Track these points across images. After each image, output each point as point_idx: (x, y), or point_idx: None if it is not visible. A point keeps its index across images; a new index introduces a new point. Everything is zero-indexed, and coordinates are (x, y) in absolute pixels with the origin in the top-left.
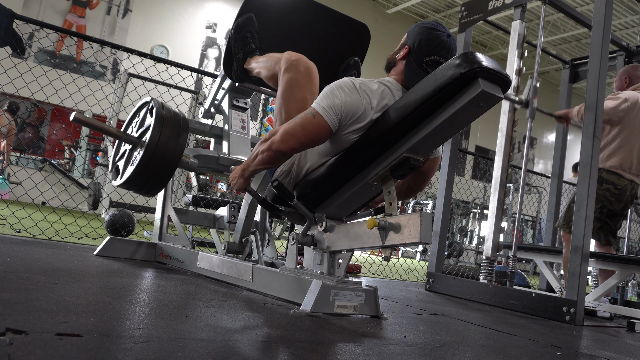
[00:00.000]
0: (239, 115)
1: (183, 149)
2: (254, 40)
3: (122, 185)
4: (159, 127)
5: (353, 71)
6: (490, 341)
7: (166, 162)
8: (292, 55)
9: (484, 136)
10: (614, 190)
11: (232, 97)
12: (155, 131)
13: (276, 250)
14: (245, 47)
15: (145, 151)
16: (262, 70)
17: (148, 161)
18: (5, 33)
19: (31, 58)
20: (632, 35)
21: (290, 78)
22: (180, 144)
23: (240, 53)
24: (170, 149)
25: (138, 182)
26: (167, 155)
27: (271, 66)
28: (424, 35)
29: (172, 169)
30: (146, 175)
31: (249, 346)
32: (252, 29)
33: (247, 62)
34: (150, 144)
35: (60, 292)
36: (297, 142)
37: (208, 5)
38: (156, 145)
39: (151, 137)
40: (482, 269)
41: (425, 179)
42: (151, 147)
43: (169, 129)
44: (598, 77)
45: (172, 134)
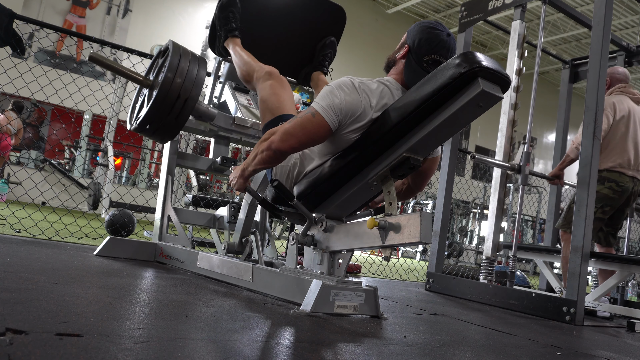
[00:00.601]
0: (242, 95)
1: (199, 91)
2: (235, 20)
3: (137, 128)
4: (174, 65)
5: (329, 50)
6: (490, 341)
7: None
8: (264, 67)
9: (484, 136)
10: (617, 187)
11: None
12: (170, 69)
13: (276, 250)
14: (227, 25)
15: (160, 89)
16: (237, 67)
17: (163, 100)
18: (5, 33)
19: (31, 58)
20: (632, 35)
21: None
22: (197, 85)
23: (221, 30)
24: (187, 86)
25: (153, 124)
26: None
27: (246, 72)
28: (423, 35)
29: (187, 112)
30: (161, 115)
31: (249, 346)
32: (235, 9)
33: (227, 41)
34: (165, 83)
35: (60, 292)
36: (297, 141)
37: (208, 5)
38: (171, 84)
39: (165, 75)
40: (482, 269)
41: (424, 179)
42: (166, 86)
43: (185, 67)
44: (598, 77)
45: (188, 73)
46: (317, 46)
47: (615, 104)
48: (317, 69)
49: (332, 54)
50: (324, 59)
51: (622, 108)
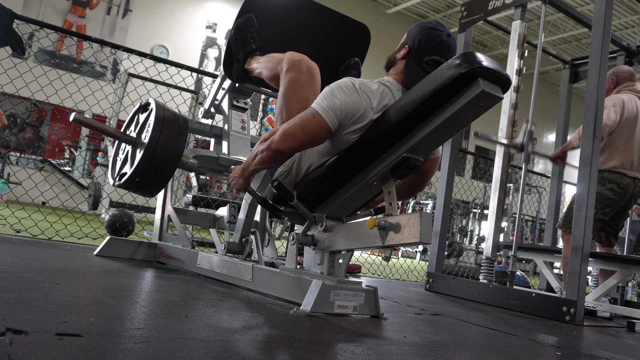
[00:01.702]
0: (238, 116)
1: (182, 150)
2: (254, 41)
3: (122, 186)
4: (158, 127)
5: (353, 71)
6: (490, 341)
7: (166, 162)
8: (294, 55)
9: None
10: (618, 189)
11: (232, 97)
12: (155, 132)
13: (276, 250)
14: (246, 47)
15: (145, 151)
16: (263, 71)
17: (148, 162)
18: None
19: (31, 58)
20: (632, 35)
21: (292, 78)
22: (180, 145)
23: (240, 53)
24: (169, 149)
25: (138, 182)
26: (167, 156)
27: (272, 66)
28: (424, 35)
29: (171, 169)
30: (145, 176)
31: (249, 346)
32: (253, 29)
33: (247, 62)
34: (150, 145)
35: (60, 292)
36: (297, 141)
37: (208, 5)
38: (155, 146)
39: (151, 137)
40: (482, 269)
41: (425, 179)
42: (151, 148)
43: (169, 129)
44: (598, 77)
45: (171, 134)
46: (340, 67)
47: (625, 102)
48: None
49: (356, 75)
50: None
51: (630, 108)
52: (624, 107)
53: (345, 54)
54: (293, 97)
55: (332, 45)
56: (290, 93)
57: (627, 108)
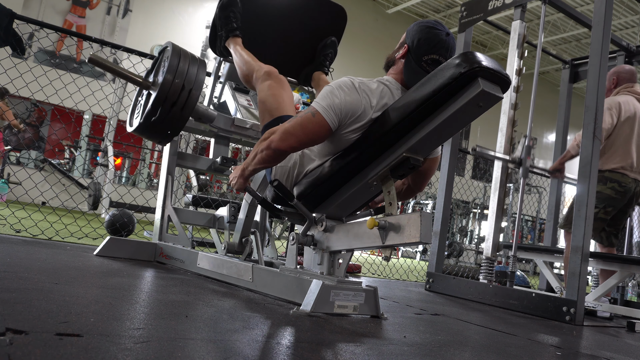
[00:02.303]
0: (242, 96)
1: (199, 93)
2: (236, 20)
3: (137, 130)
4: (174, 65)
5: (330, 50)
6: (490, 341)
7: (181, 105)
8: (263, 67)
9: (484, 136)
10: (619, 188)
11: (232, 84)
12: (169, 71)
13: (276, 250)
14: (228, 25)
15: (159, 92)
16: (238, 67)
17: (162, 103)
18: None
19: (31, 58)
20: (632, 35)
21: (267, 86)
22: (196, 87)
23: (222, 30)
24: (185, 92)
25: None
26: (182, 98)
27: (246, 72)
28: (423, 34)
29: (187, 113)
30: (160, 119)
31: (249, 346)
32: (235, 9)
33: (228, 41)
34: (165, 85)
35: (60, 292)
36: (297, 140)
37: (208, 5)
38: (170, 86)
39: (165, 77)
40: (482, 269)
41: (424, 179)
42: (165, 88)
43: (185, 69)
44: (598, 77)
45: (187, 75)
46: (317, 46)
47: (622, 104)
48: (318, 68)
49: (333, 54)
50: (325, 59)
51: (628, 109)
52: (621, 109)
53: (323, 33)
54: (273, 99)
55: (310, 25)
56: (270, 96)
57: (624, 110)
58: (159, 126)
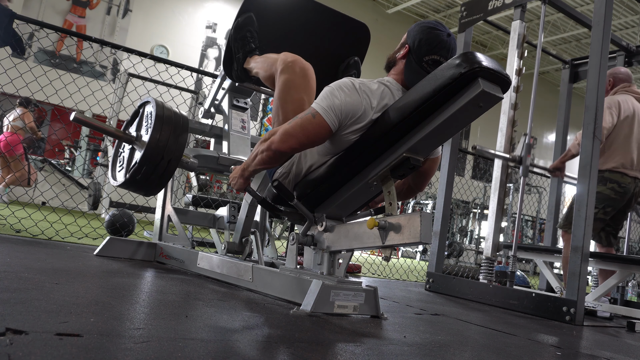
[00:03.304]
0: (239, 115)
1: (183, 149)
2: (254, 40)
3: (122, 186)
4: (159, 127)
5: (353, 71)
6: (490, 341)
7: (166, 162)
8: (287, 56)
9: (484, 136)
10: (619, 188)
11: (232, 97)
12: (155, 131)
13: (276, 250)
14: (245, 46)
15: (145, 151)
16: (259, 71)
17: (148, 161)
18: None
19: (31, 58)
20: (632, 35)
21: (286, 79)
22: (180, 144)
23: (240, 52)
24: (170, 149)
25: (138, 182)
26: (167, 156)
27: (268, 67)
28: (424, 35)
29: (172, 169)
30: (146, 176)
31: (249, 346)
32: (252, 28)
33: (246, 61)
34: (150, 144)
35: (60, 292)
36: (297, 142)
37: (208, 5)
38: (156, 145)
39: (151, 137)
40: (482, 269)
41: (425, 179)
42: (151, 147)
43: (169, 129)
44: (598, 77)
45: (172, 134)
46: (340, 67)
47: (621, 103)
48: None
49: (356, 75)
50: None
51: (627, 108)
52: (620, 108)
53: (345, 53)
54: (288, 98)
55: (331, 44)
56: (285, 94)
57: (623, 108)
58: (145, 183)
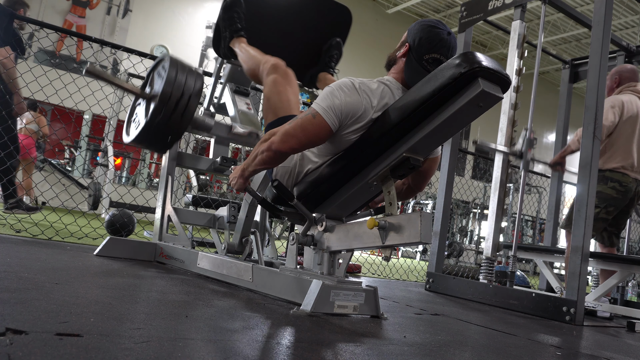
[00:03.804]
0: (242, 99)
1: (197, 101)
2: (240, 21)
3: (136, 139)
4: (172, 78)
5: (335, 51)
6: (490, 341)
7: (180, 112)
8: (269, 60)
9: (484, 136)
10: (620, 187)
11: (232, 86)
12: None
13: (276, 250)
14: (232, 26)
15: (159, 100)
16: (243, 64)
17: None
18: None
19: (31, 58)
20: (632, 35)
21: (272, 80)
22: (195, 95)
23: (226, 31)
24: (184, 99)
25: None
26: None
27: (252, 66)
28: (424, 33)
29: (186, 120)
30: (160, 127)
31: (249, 346)
32: (239, 9)
33: (232, 41)
34: (165, 93)
35: (60, 292)
36: (297, 142)
37: (208, 5)
38: (170, 95)
39: (164, 87)
40: (482, 269)
41: (425, 179)
42: (165, 96)
43: (184, 78)
44: (598, 77)
45: (186, 84)
46: (322, 47)
47: (625, 103)
48: (324, 70)
49: (338, 55)
50: (330, 60)
51: (630, 108)
52: (624, 108)
53: (328, 34)
54: (277, 98)
55: (315, 26)
56: (274, 94)
57: (626, 108)
58: (159, 134)
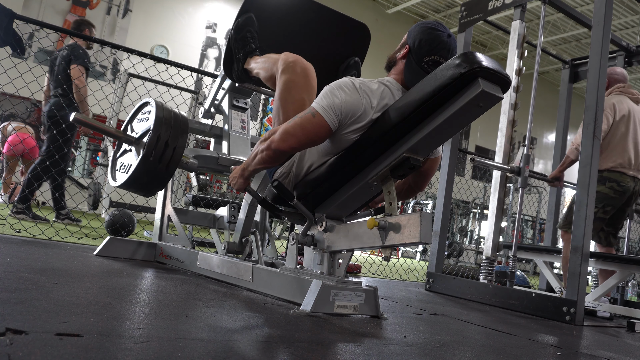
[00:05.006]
0: (238, 116)
1: (183, 150)
2: (254, 40)
3: (122, 186)
4: (158, 128)
5: (353, 71)
6: (490, 341)
7: (166, 163)
8: (289, 56)
9: (484, 136)
10: (618, 187)
11: (232, 97)
12: (154, 132)
13: (276, 250)
14: (245, 47)
15: (145, 152)
16: (260, 71)
17: (147, 162)
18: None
19: (31, 58)
20: (632, 35)
21: (287, 79)
22: (180, 145)
23: (240, 53)
24: (169, 150)
25: (137, 183)
26: (167, 157)
27: (269, 67)
28: (424, 35)
29: (171, 170)
30: (145, 177)
31: (249, 346)
32: (252, 28)
33: (247, 62)
34: (150, 145)
35: (60, 292)
36: (297, 141)
37: (208, 5)
38: (155, 146)
39: (150, 138)
40: (482, 269)
41: (425, 179)
42: (150, 148)
43: (169, 130)
44: (598, 77)
45: (171, 135)
46: (340, 67)
47: (615, 104)
48: None
49: (356, 75)
50: None
51: (622, 108)
52: (615, 109)
53: (345, 53)
54: (289, 98)
55: (332, 44)
56: (286, 94)
57: (618, 109)
58: (145, 182)
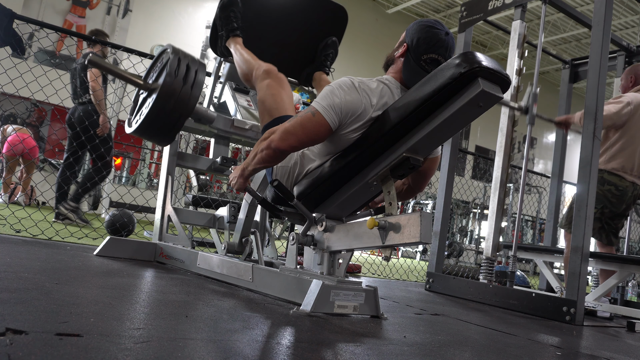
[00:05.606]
0: (243, 97)
1: (198, 93)
2: (237, 20)
3: (137, 130)
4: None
5: (331, 50)
6: (490, 341)
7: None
8: (262, 65)
9: (484, 136)
10: (615, 191)
11: (232, 84)
12: (174, 55)
13: (276, 250)
14: (228, 25)
15: (160, 92)
16: (237, 67)
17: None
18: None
19: (31, 58)
20: (632, 35)
21: (266, 85)
22: (196, 87)
23: (223, 30)
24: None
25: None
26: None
27: (246, 71)
28: (422, 33)
29: (186, 113)
30: (160, 118)
31: (249, 346)
32: (236, 8)
33: (229, 40)
34: (172, 65)
35: (60, 292)
36: (297, 140)
37: (208, 5)
38: (178, 67)
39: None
40: (482, 269)
41: (425, 179)
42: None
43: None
44: (598, 77)
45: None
46: (318, 46)
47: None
48: (319, 69)
49: (333, 54)
50: (326, 59)
51: None
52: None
53: (323, 33)
54: (272, 100)
55: (311, 25)
56: (269, 96)
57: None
58: (159, 126)
